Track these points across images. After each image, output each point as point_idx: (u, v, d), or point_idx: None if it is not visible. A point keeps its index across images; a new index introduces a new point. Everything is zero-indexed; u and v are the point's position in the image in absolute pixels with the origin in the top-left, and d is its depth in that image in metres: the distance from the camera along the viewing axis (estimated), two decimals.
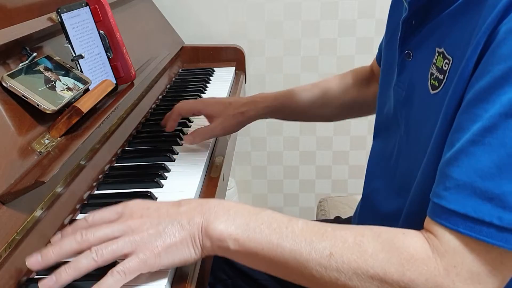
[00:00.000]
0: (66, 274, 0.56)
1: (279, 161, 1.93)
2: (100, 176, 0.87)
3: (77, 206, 0.78)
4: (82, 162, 0.83)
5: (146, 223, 0.59)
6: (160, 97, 1.28)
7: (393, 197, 0.72)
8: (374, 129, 0.85)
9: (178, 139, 1.02)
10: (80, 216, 0.77)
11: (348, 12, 1.71)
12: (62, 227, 0.73)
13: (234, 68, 1.57)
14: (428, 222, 0.55)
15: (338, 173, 1.94)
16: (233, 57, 1.62)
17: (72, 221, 0.75)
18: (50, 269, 0.59)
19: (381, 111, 0.82)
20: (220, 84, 1.43)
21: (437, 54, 0.63)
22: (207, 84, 1.42)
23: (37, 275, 0.64)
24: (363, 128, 1.84)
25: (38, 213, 0.69)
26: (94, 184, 0.85)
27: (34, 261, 0.58)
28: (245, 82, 1.63)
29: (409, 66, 0.70)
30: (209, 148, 1.00)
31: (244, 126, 1.00)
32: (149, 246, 0.58)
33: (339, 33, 1.75)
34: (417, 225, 0.58)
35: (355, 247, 0.55)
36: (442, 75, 0.61)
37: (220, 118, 0.97)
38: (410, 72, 0.70)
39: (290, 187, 1.96)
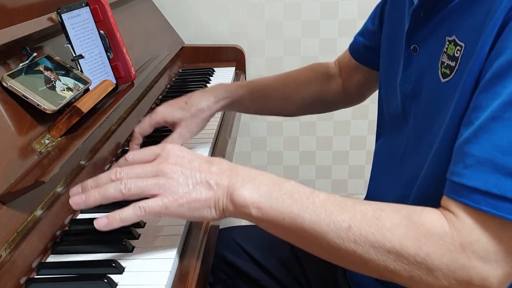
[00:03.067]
0: (94, 197, 0.61)
1: (279, 161, 1.93)
2: None
3: None
4: (82, 162, 0.83)
5: (177, 171, 0.61)
6: (160, 97, 1.28)
7: (399, 193, 0.72)
8: (377, 130, 0.85)
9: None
10: (80, 216, 0.77)
11: (348, 12, 1.72)
12: (62, 227, 0.73)
13: (234, 68, 1.57)
14: (446, 201, 0.55)
15: (338, 173, 1.94)
16: (233, 57, 1.62)
17: (72, 221, 0.75)
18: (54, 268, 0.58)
19: (387, 108, 0.81)
20: None
21: (447, 43, 0.63)
22: (207, 84, 1.42)
23: (37, 275, 0.64)
24: (363, 128, 1.84)
25: (38, 213, 0.69)
26: None
27: (75, 191, 0.63)
28: None
29: (416, 60, 0.70)
30: (209, 148, 1.00)
31: (208, 120, 0.98)
32: (175, 194, 0.60)
33: (339, 33, 1.75)
34: None
35: (373, 220, 0.55)
36: (454, 62, 0.61)
37: (183, 123, 0.94)
38: (417, 65, 0.69)
39: None
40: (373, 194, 0.83)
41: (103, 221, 0.60)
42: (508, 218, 0.50)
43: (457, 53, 0.61)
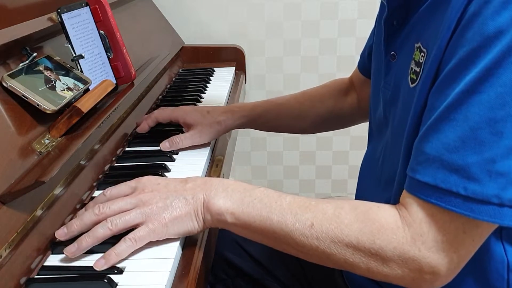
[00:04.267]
0: (86, 241, 0.65)
1: (279, 161, 1.93)
2: (100, 176, 0.87)
3: (77, 206, 0.78)
4: (82, 162, 0.83)
5: (155, 197, 0.67)
6: (160, 97, 1.28)
7: (381, 194, 0.73)
8: (368, 135, 0.86)
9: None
10: None
11: (348, 12, 1.72)
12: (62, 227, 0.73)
13: (234, 68, 1.57)
14: (403, 195, 0.60)
15: (338, 173, 1.94)
16: (233, 57, 1.62)
17: None
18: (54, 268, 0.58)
19: (373, 115, 0.83)
20: (220, 84, 1.43)
21: (415, 49, 0.65)
22: (207, 84, 1.42)
23: (37, 275, 0.64)
24: (363, 128, 1.83)
25: (38, 213, 0.69)
26: (94, 184, 0.85)
27: (61, 233, 0.67)
28: (245, 82, 1.63)
29: (394, 67, 0.72)
30: (209, 148, 1.00)
31: (221, 135, 1.03)
32: (157, 217, 0.65)
33: (339, 33, 1.75)
34: None
35: (333, 218, 0.60)
36: (419, 68, 0.64)
37: (198, 127, 0.99)
38: (395, 72, 0.72)
39: (290, 187, 1.96)
40: (360, 196, 0.84)
41: (101, 262, 0.63)
42: (454, 210, 0.54)
43: (421, 59, 0.64)
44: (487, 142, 0.52)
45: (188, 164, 0.93)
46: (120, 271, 0.64)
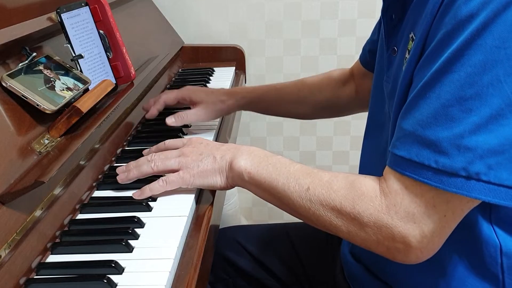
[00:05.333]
0: (133, 173, 0.80)
1: None
2: (100, 176, 0.87)
3: (77, 206, 0.78)
4: (82, 162, 0.83)
5: (193, 152, 0.79)
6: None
7: None
8: (366, 128, 0.87)
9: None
10: (80, 216, 0.77)
11: (348, 12, 1.71)
12: (61, 227, 0.73)
13: (234, 68, 1.57)
14: (385, 169, 0.64)
15: None
16: (233, 57, 1.62)
17: (72, 221, 0.75)
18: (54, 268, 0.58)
19: (373, 110, 0.84)
20: (220, 84, 1.43)
21: (409, 39, 0.68)
22: (207, 84, 1.42)
23: (36, 275, 0.64)
24: (363, 128, 1.83)
25: (38, 213, 0.69)
26: (94, 184, 0.84)
27: (123, 177, 0.81)
28: (245, 82, 1.63)
29: (395, 61, 0.74)
30: None
31: (223, 115, 1.12)
32: (189, 169, 0.77)
33: (339, 33, 1.75)
34: None
35: (326, 184, 0.66)
36: (409, 55, 0.66)
37: (203, 104, 1.07)
38: (395, 66, 0.73)
39: None
40: None
41: (138, 193, 0.78)
42: (426, 182, 0.57)
43: (410, 47, 0.67)
44: (457, 118, 0.55)
45: None
46: (121, 268, 0.64)
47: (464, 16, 0.55)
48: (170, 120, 1.03)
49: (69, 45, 0.87)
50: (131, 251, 0.67)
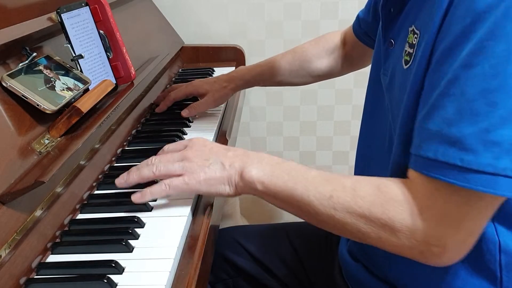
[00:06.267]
0: (133, 177, 0.76)
1: None
2: (100, 176, 0.87)
3: (77, 206, 0.78)
4: (82, 162, 0.83)
5: (198, 156, 0.74)
6: (159, 95, 1.28)
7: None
8: (362, 120, 0.87)
9: (178, 139, 1.02)
10: (80, 216, 0.77)
11: (348, 12, 1.71)
12: (62, 227, 0.73)
13: (234, 68, 1.57)
14: (409, 171, 0.62)
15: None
16: (233, 57, 1.62)
17: (72, 221, 0.75)
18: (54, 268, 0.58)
19: (372, 101, 0.84)
20: None
21: (409, 32, 0.68)
22: None
23: (36, 275, 0.64)
24: None
25: (38, 213, 0.69)
26: (94, 184, 0.84)
27: (122, 181, 0.77)
28: None
29: (392, 53, 0.74)
30: None
31: (229, 97, 1.20)
32: (194, 174, 0.73)
33: None
34: None
35: (350, 191, 0.64)
36: (412, 49, 0.66)
37: (210, 93, 1.16)
38: (393, 58, 0.73)
39: None
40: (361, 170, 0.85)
41: (137, 196, 0.75)
42: (452, 182, 0.55)
43: (414, 41, 0.66)
44: (482, 112, 0.54)
45: None
46: (121, 268, 0.64)
47: (483, 7, 0.54)
48: (185, 113, 1.12)
49: (69, 45, 0.88)
50: (131, 251, 0.67)
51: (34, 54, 0.81)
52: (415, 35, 0.66)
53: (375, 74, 0.82)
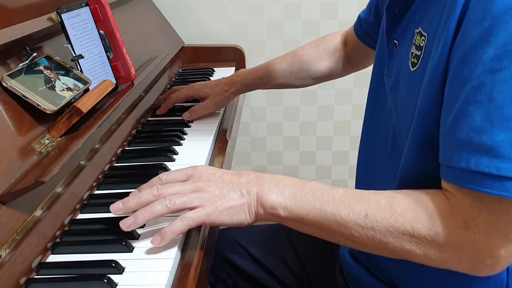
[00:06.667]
0: (142, 216, 0.67)
1: (279, 161, 1.93)
2: (100, 176, 0.87)
3: (77, 206, 0.78)
4: (82, 162, 0.83)
5: (212, 185, 0.69)
6: (160, 97, 1.28)
7: (392, 177, 0.73)
8: (364, 120, 0.86)
9: (178, 139, 1.02)
10: (80, 216, 0.77)
11: (348, 12, 1.71)
12: (62, 227, 0.73)
13: (234, 68, 1.57)
14: (443, 183, 0.60)
15: (338, 173, 1.94)
16: (233, 57, 1.62)
17: (72, 221, 0.75)
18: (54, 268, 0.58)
19: (374, 102, 0.83)
20: None
21: (416, 34, 0.67)
22: None
23: (36, 275, 0.64)
24: None
25: (38, 213, 0.69)
26: (94, 184, 0.85)
27: (117, 208, 0.69)
28: None
29: (396, 55, 0.73)
30: (209, 148, 1.00)
31: (230, 101, 1.19)
32: (214, 203, 0.67)
33: None
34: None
35: (386, 207, 0.61)
36: (420, 51, 0.65)
37: (211, 97, 1.16)
38: (397, 60, 0.73)
39: None
40: (363, 183, 0.84)
41: (157, 239, 0.66)
42: (490, 192, 0.53)
43: (422, 43, 0.65)
44: None
45: (188, 164, 0.93)
46: (121, 268, 0.64)
47: (501, 10, 0.52)
48: (186, 116, 1.13)
49: (69, 45, 0.88)
50: (131, 251, 0.67)
51: (34, 54, 0.81)
52: (423, 37, 0.65)
53: (377, 75, 0.82)
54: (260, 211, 0.68)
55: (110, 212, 0.75)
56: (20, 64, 0.77)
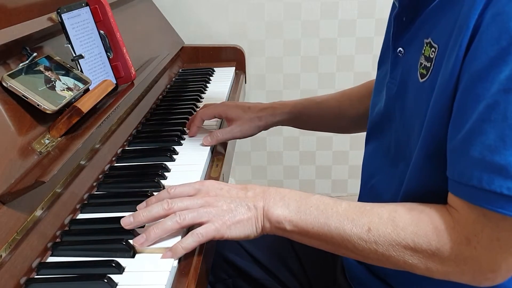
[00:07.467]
0: (154, 233, 0.67)
1: (279, 161, 1.93)
2: (100, 176, 0.87)
3: (77, 206, 0.78)
4: (82, 162, 0.83)
5: (220, 200, 0.70)
6: (160, 97, 1.28)
7: (394, 189, 0.74)
8: (367, 135, 0.86)
9: (178, 139, 1.02)
10: (80, 216, 0.77)
11: (348, 12, 1.72)
12: (62, 227, 0.73)
13: (234, 68, 1.57)
14: (450, 197, 0.61)
15: (338, 173, 1.94)
16: (233, 57, 1.62)
17: (72, 221, 0.75)
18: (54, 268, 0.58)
19: (372, 113, 0.83)
20: (220, 84, 1.43)
21: (425, 45, 0.66)
22: (207, 84, 1.42)
23: (37, 275, 0.64)
24: None
25: (38, 213, 0.69)
26: (94, 184, 0.85)
27: (127, 221, 0.69)
28: (245, 82, 1.63)
29: (401, 62, 0.73)
30: (209, 148, 1.00)
31: (260, 131, 1.05)
32: (222, 218, 0.68)
33: (339, 33, 1.75)
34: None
35: (389, 222, 0.62)
36: (430, 63, 0.65)
37: (239, 121, 1.02)
38: (402, 67, 0.72)
39: (290, 187, 1.94)
40: (367, 193, 0.84)
41: (168, 255, 0.66)
42: (501, 212, 0.54)
43: (432, 54, 0.64)
44: None
45: (188, 164, 0.93)
46: (121, 268, 0.64)
47: None
48: (206, 141, 1.01)
49: (69, 45, 0.88)
50: (131, 251, 0.67)
51: (35, 54, 0.81)
52: (433, 49, 0.64)
53: (380, 83, 0.81)
54: (267, 224, 0.69)
55: (110, 212, 0.75)
56: (20, 64, 0.77)
